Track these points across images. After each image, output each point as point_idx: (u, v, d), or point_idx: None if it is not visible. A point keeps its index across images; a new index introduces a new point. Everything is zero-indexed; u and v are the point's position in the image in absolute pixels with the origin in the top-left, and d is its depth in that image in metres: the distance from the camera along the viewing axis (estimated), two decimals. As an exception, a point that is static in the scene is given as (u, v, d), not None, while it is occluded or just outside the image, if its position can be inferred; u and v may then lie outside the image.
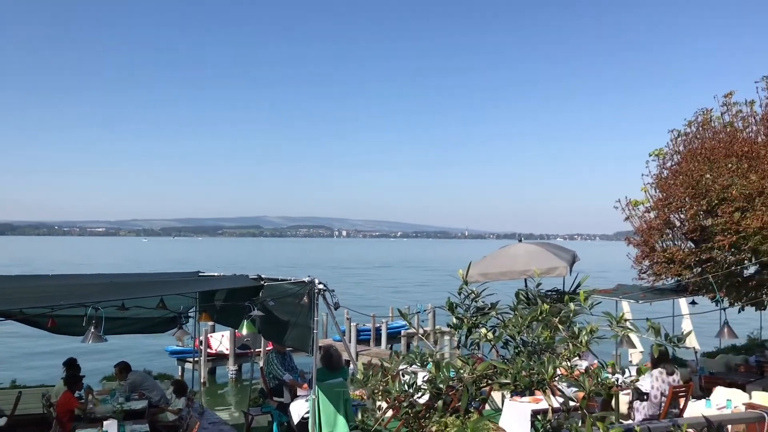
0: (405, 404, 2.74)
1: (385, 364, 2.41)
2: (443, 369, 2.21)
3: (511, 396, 9.10)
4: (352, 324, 25.32)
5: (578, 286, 10.43)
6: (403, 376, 2.38)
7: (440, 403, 2.32)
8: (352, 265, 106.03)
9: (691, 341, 15.45)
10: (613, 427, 2.25)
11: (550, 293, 8.97)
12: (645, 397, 8.62)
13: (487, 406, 10.70)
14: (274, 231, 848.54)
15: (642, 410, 8.39)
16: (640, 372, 2.67)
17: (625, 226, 13.76)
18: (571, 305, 2.52)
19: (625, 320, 2.95)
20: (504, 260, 10.78)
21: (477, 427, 6.57)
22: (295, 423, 9.16)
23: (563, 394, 9.27)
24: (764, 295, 11.93)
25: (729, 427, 8.46)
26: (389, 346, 26.09)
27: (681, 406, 8.74)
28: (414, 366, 2.78)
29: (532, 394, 2.15)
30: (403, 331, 26.85)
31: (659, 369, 8.63)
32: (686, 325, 15.87)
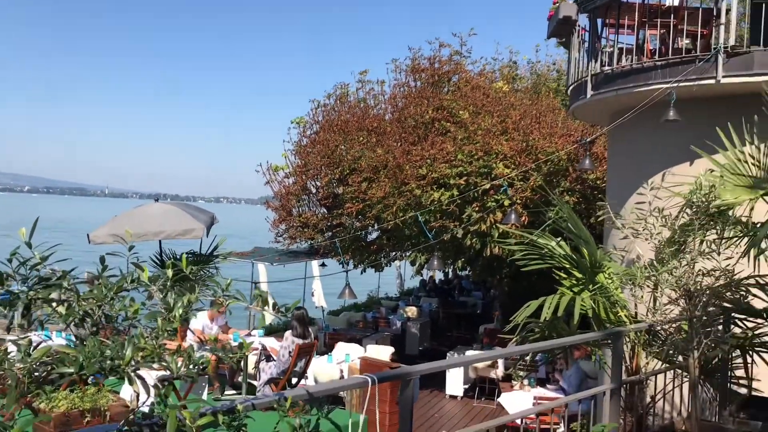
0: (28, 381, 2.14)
1: None
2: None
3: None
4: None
5: (215, 248, 10.24)
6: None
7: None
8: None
9: (320, 300, 16.53)
10: (197, 405, 1.97)
11: (187, 256, 8.58)
12: (272, 357, 8.84)
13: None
14: None
15: (268, 370, 8.54)
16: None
17: (268, 191, 14.06)
18: (169, 269, 2.18)
19: (257, 284, 2.70)
20: (138, 220, 10.01)
21: (94, 399, 5.93)
22: None
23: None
24: (382, 258, 13.25)
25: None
26: None
27: (305, 364, 9.13)
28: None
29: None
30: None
31: (289, 331, 8.87)
32: (317, 285, 16.86)
